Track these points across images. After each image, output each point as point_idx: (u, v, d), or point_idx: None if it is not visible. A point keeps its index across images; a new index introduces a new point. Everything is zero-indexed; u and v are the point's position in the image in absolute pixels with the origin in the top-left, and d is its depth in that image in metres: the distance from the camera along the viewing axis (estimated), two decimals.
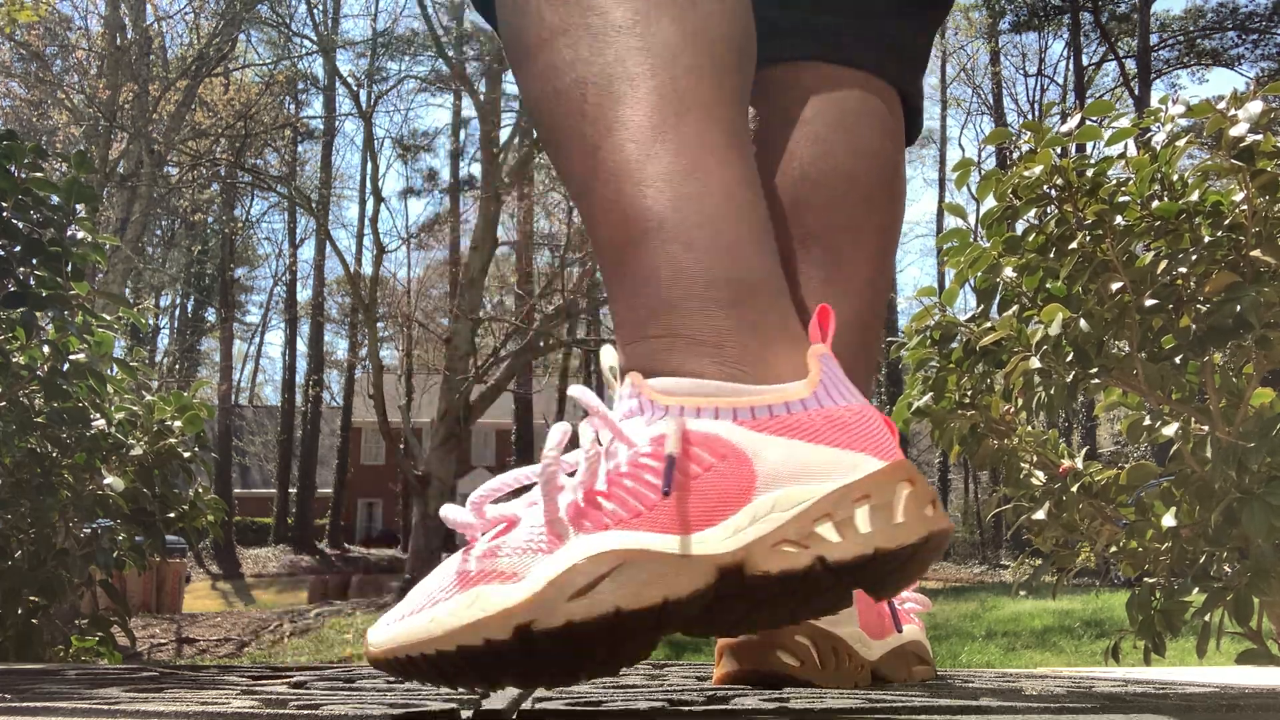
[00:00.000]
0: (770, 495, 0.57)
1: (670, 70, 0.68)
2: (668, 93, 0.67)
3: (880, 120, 0.93)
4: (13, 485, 2.08)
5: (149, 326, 27.09)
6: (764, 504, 0.57)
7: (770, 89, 0.92)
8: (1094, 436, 21.99)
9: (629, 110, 0.67)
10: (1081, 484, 1.99)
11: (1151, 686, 0.82)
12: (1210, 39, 23.67)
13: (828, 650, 0.82)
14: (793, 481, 0.57)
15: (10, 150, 1.94)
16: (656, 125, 0.67)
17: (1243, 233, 1.62)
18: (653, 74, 0.68)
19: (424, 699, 0.67)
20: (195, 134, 15.10)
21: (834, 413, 0.60)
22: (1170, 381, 1.79)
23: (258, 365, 38.34)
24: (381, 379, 15.48)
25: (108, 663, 2.26)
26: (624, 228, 0.66)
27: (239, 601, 18.52)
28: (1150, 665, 1.91)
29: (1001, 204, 1.85)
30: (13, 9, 6.23)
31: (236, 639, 10.95)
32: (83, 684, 0.78)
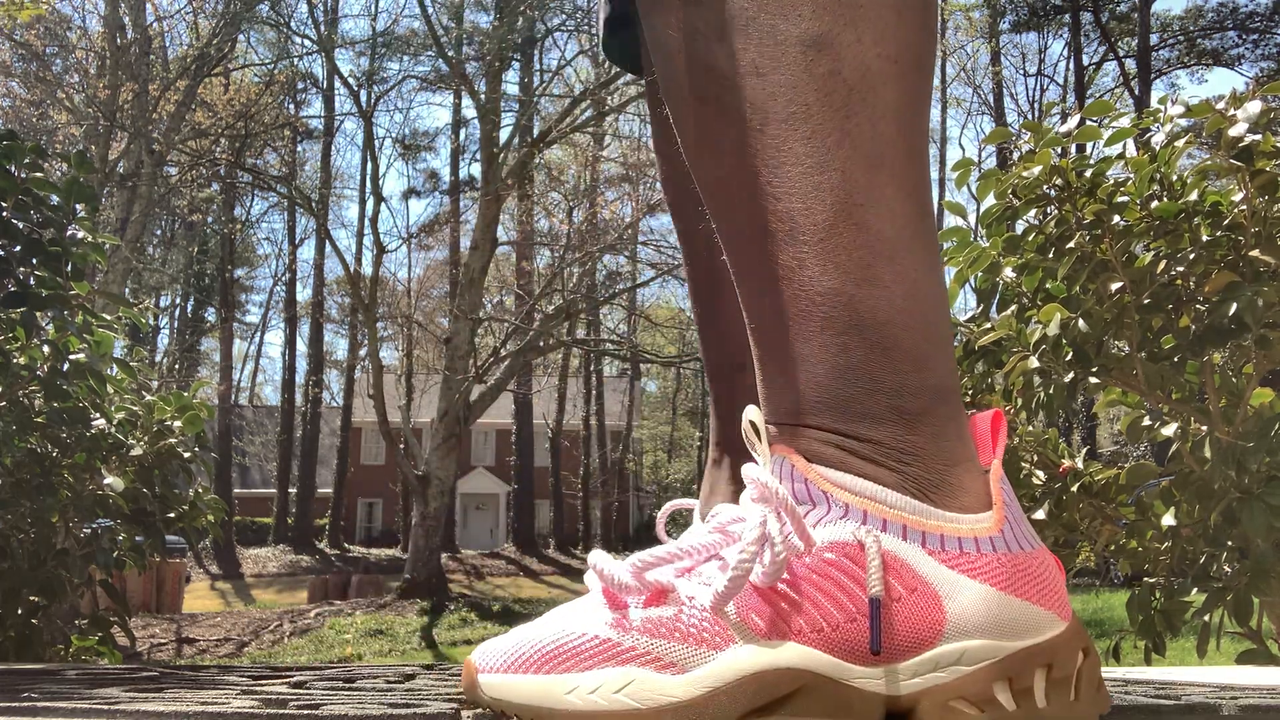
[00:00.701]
0: (959, 645, 0.52)
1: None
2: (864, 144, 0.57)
3: None
4: (13, 485, 2.08)
5: (149, 326, 27.09)
6: (951, 653, 0.52)
7: None
8: (1094, 436, 21.98)
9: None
10: (1081, 484, 1.99)
11: (1151, 686, 0.82)
12: (1210, 39, 23.67)
13: None
14: (982, 635, 0.52)
15: (10, 150, 1.94)
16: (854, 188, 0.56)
17: (1242, 233, 1.62)
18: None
19: (424, 699, 0.67)
20: (195, 134, 15.10)
21: (1022, 560, 0.54)
22: (1170, 381, 1.79)
23: (258, 365, 38.39)
24: (381, 379, 15.48)
25: (108, 663, 2.26)
26: (796, 303, 0.57)
27: (239, 601, 18.52)
28: (1150, 665, 1.91)
29: (1001, 204, 1.85)
30: (13, 8, 6.21)
31: (236, 639, 10.95)
32: (83, 684, 0.78)
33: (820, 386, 0.57)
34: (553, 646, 0.51)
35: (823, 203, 0.55)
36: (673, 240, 19.80)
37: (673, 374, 30.07)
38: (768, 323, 0.59)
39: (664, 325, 25.08)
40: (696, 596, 0.53)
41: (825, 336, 0.57)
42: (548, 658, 0.51)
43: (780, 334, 0.58)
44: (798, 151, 0.56)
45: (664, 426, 35.08)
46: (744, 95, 0.56)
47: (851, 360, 0.56)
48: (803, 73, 0.55)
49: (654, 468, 35.17)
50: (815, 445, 0.57)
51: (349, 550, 27.26)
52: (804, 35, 0.55)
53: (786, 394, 0.59)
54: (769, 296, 0.58)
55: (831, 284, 0.56)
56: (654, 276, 18.99)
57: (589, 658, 0.51)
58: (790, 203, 0.56)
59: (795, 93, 0.55)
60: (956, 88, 28.06)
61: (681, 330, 25.49)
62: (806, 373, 0.58)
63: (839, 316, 0.56)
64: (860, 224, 0.56)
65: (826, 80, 0.55)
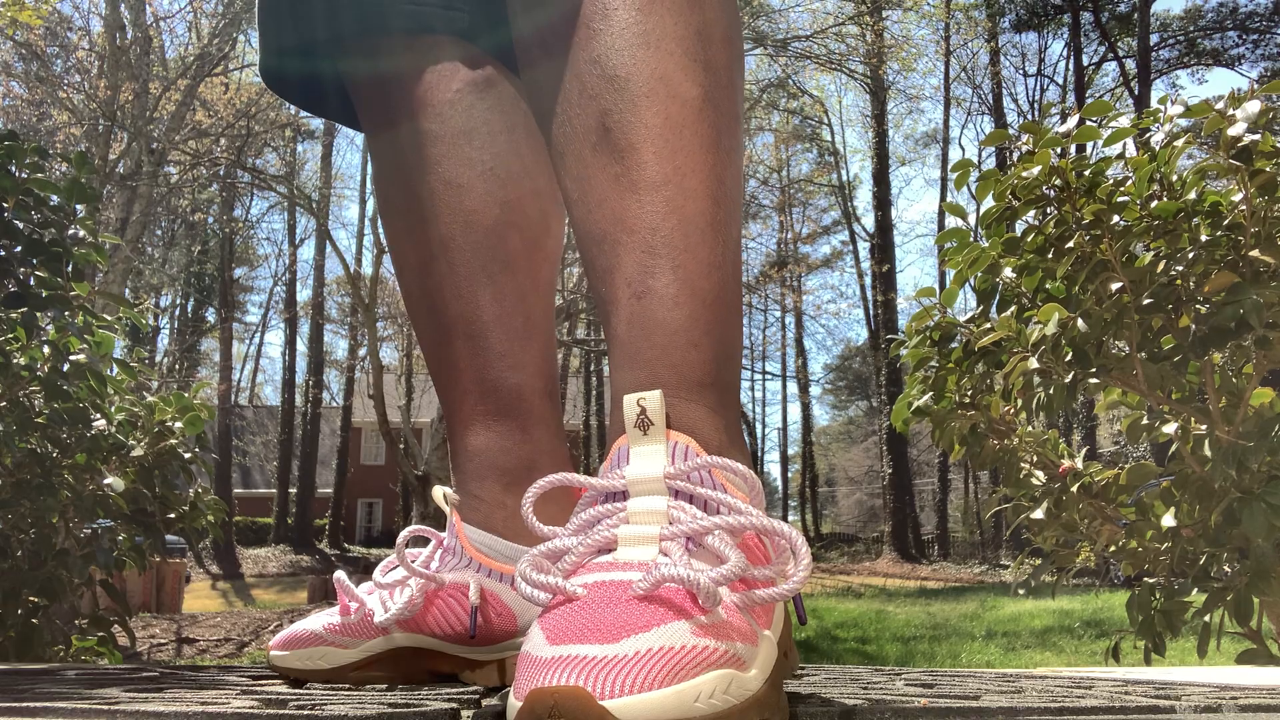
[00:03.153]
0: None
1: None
2: None
3: None
4: (13, 485, 2.08)
5: (149, 326, 27.08)
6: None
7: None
8: (1094, 436, 21.99)
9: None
10: (1081, 484, 1.99)
11: (1151, 686, 0.82)
12: (1210, 39, 23.66)
13: None
14: None
15: (11, 150, 1.94)
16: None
17: (1241, 232, 1.62)
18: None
19: (424, 699, 0.67)
20: (195, 134, 15.10)
21: None
22: (1170, 381, 1.79)
23: (258, 365, 38.36)
24: (381, 379, 15.48)
25: (108, 663, 2.26)
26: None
27: (239, 601, 18.52)
28: (1150, 665, 1.91)
29: (1000, 204, 1.85)
30: (13, 10, 6.21)
31: (236, 639, 10.95)
32: (83, 684, 0.78)
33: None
34: (662, 660, 0.50)
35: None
36: None
37: None
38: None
39: None
40: (715, 590, 0.56)
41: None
42: (666, 670, 0.50)
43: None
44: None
45: None
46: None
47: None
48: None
49: None
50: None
51: (349, 550, 27.25)
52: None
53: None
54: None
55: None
56: None
57: (697, 665, 0.51)
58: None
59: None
60: (956, 88, 28.07)
61: None
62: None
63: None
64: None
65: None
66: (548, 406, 0.93)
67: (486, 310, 0.91)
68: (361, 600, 0.91)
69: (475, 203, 0.90)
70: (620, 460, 0.63)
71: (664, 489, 0.60)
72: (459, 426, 0.92)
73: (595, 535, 0.58)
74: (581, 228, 0.73)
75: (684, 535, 0.57)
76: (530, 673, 0.49)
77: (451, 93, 0.91)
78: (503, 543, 0.87)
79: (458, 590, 0.86)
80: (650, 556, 0.57)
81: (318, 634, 0.92)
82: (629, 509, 0.60)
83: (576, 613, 0.52)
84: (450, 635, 0.86)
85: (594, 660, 0.48)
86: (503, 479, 0.89)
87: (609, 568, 0.56)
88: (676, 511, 0.58)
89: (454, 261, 0.91)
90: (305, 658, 0.92)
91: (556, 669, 0.48)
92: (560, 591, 0.54)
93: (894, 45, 17.69)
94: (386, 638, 0.89)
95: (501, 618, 0.85)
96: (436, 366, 0.94)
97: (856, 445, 43.68)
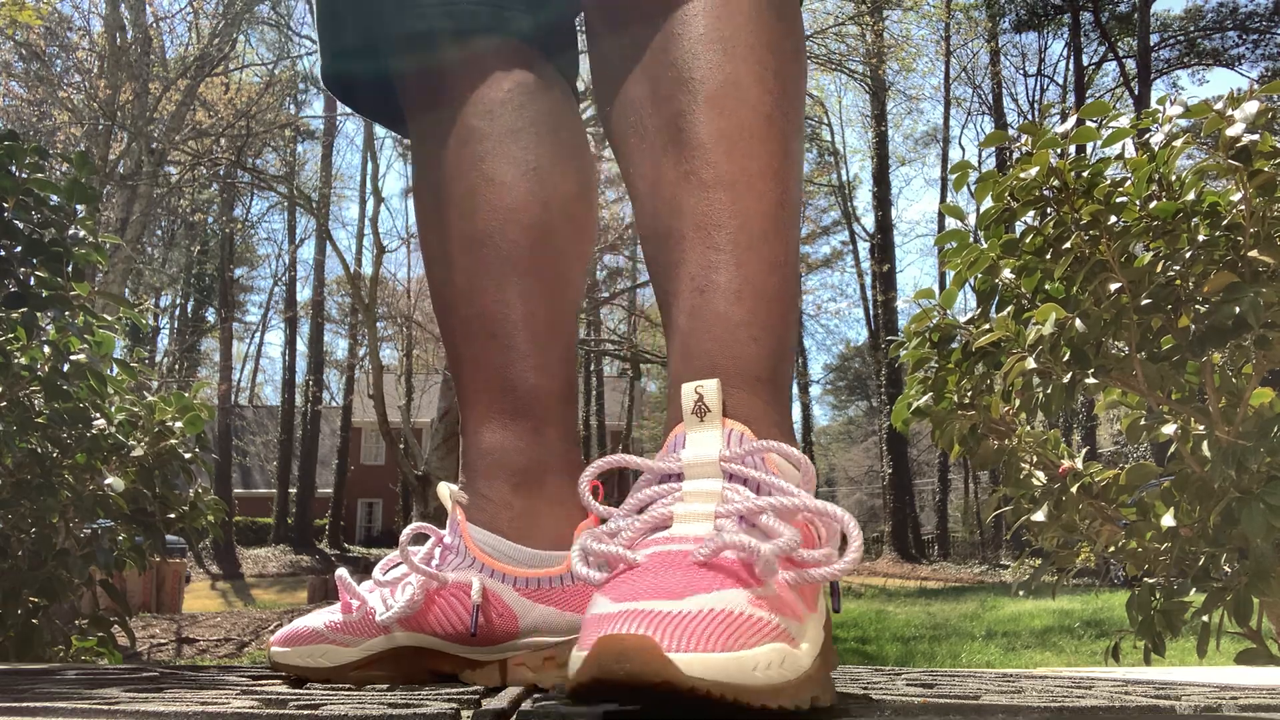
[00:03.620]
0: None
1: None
2: None
3: None
4: (13, 485, 2.08)
5: (149, 326, 27.08)
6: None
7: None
8: (1094, 436, 21.99)
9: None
10: (1081, 484, 1.99)
11: (1151, 686, 0.82)
12: (1210, 39, 23.66)
13: None
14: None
15: (11, 150, 1.94)
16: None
17: (1240, 233, 1.62)
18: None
19: (424, 699, 0.67)
20: (196, 134, 15.09)
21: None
22: (1169, 381, 1.79)
23: (258, 365, 38.34)
24: (381, 379, 15.47)
25: (108, 663, 2.26)
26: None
27: (239, 601, 18.52)
28: (1150, 665, 1.91)
29: (999, 205, 1.85)
30: (13, 10, 6.22)
31: (236, 639, 10.95)
32: (83, 684, 0.79)
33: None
34: (723, 623, 0.51)
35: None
36: None
37: None
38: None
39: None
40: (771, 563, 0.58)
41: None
42: (726, 634, 0.51)
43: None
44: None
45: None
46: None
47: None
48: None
49: None
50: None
51: (349, 550, 27.24)
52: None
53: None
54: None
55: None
56: None
57: (754, 635, 0.52)
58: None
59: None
60: (957, 88, 28.07)
61: None
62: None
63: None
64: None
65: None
66: (564, 409, 0.92)
67: (515, 309, 0.90)
68: (363, 598, 0.91)
69: (516, 201, 0.90)
70: (676, 445, 0.65)
71: (718, 472, 0.63)
72: (473, 423, 0.92)
73: (652, 513, 0.61)
74: (648, 224, 0.76)
75: (738, 514, 0.59)
76: (597, 625, 0.51)
77: (503, 92, 0.91)
78: (507, 543, 0.86)
79: (460, 589, 0.86)
80: (697, 533, 0.59)
81: (319, 631, 0.92)
82: (684, 489, 0.62)
83: (639, 576, 0.55)
84: (451, 634, 0.86)
85: (659, 615, 0.49)
86: (512, 479, 0.89)
87: (666, 541, 0.59)
88: (730, 492, 0.61)
89: (488, 258, 0.91)
90: (306, 655, 0.92)
91: (623, 620, 0.49)
92: (621, 559, 0.57)
93: (894, 45, 17.69)
94: (388, 636, 0.89)
95: (503, 618, 0.85)
96: (457, 361, 0.94)
97: (856, 445, 43.68)
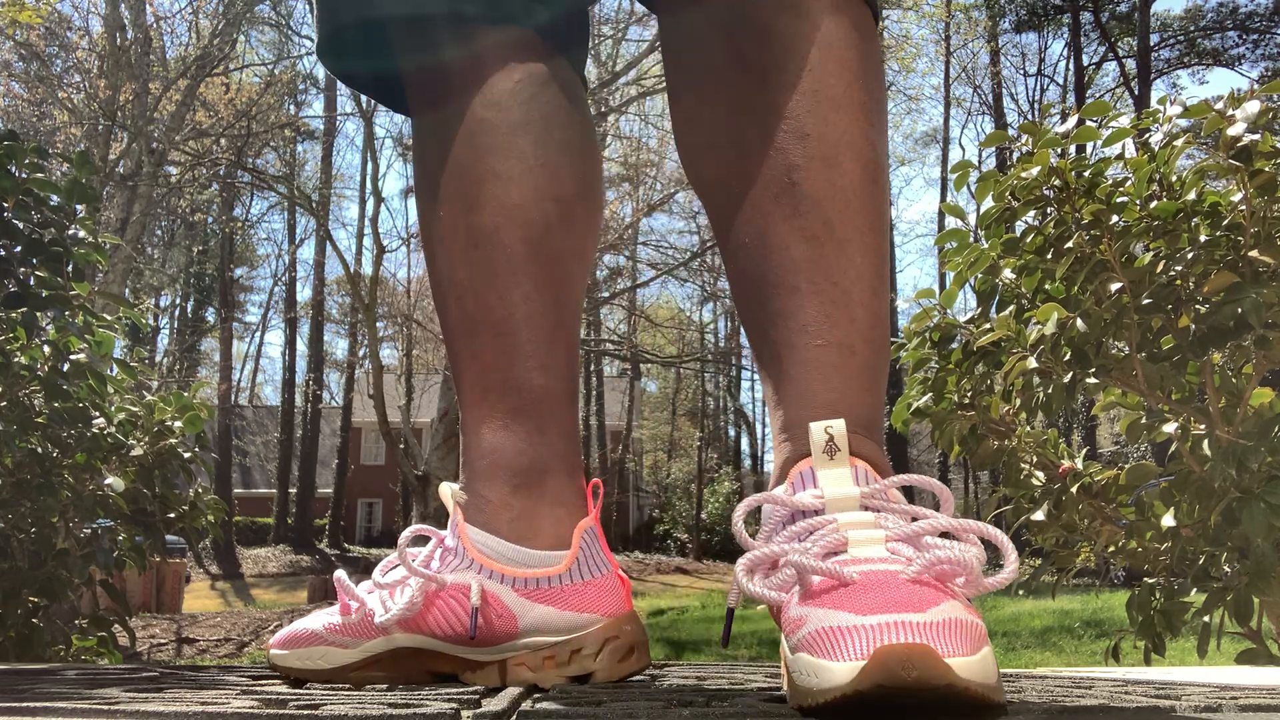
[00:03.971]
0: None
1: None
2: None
3: None
4: (13, 485, 2.08)
5: (149, 326, 27.07)
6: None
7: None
8: (1094, 436, 21.98)
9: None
10: (1081, 484, 1.99)
11: (1151, 686, 0.82)
12: (1210, 39, 23.65)
13: None
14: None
15: (11, 150, 1.94)
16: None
17: (1241, 233, 1.62)
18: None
19: (424, 699, 0.67)
20: (196, 134, 15.09)
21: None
22: (1170, 381, 1.79)
23: (258, 365, 38.31)
24: (381, 379, 15.47)
25: (108, 663, 2.26)
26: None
27: (239, 601, 18.51)
28: (1150, 665, 1.91)
29: (999, 205, 1.85)
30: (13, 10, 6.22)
31: (236, 639, 10.94)
32: (83, 684, 0.78)
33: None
34: (964, 630, 0.56)
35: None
36: (673, 240, 19.81)
37: (673, 374, 30.06)
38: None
39: (664, 325, 25.05)
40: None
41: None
42: (970, 639, 0.55)
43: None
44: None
45: (664, 427, 35.05)
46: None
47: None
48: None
49: (654, 468, 35.15)
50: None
51: (349, 550, 27.23)
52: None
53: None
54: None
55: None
56: (654, 276, 18.97)
57: (980, 639, 0.57)
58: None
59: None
60: (957, 88, 28.04)
61: (681, 330, 25.47)
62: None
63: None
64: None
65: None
66: (566, 409, 0.91)
67: (519, 308, 0.89)
68: (362, 600, 0.91)
69: (522, 197, 0.88)
70: (805, 482, 0.70)
71: (858, 506, 0.67)
72: (474, 422, 0.91)
73: (822, 540, 0.64)
74: (753, 271, 0.78)
75: (904, 537, 0.64)
76: (857, 635, 0.54)
77: (513, 83, 0.89)
78: (506, 545, 0.86)
79: (458, 591, 0.86)
80: (881, 554, 0.63)
81: (318, 633, 0.92)
82: (840, 520, 0.66)
83: (865, 592, 0.58)
84: (450, 636, 0.87)
85: (919, 624, 0.53)
86: (512, 480, 0.88)
87: (865, 562, 0.62)
88: (885, 520, 0.65)
89: (493, 255, 0.89)
90: (305, 657, 0.92)
91: (890, 630, 0.53)
92: (838, 577, 0.60)
93: (894, 45, 17.68)
94: (387, 638, 0.89)
95: (502, 619, 0.85)
96: (458, 359, 0.92)
97: None
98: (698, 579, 22.09)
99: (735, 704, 0.64)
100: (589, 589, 0.86)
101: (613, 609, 0.86)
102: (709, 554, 28.14)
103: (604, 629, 0.85)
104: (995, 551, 0.67)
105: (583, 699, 0.68)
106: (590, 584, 0.86)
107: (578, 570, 0.86)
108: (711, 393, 34.61)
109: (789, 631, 0.62)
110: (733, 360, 24.98)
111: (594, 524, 0.89)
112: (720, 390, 34.72)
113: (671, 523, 30.49)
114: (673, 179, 17.19)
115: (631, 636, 0.86)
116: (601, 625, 0.85)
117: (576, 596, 0.86)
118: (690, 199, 20.27)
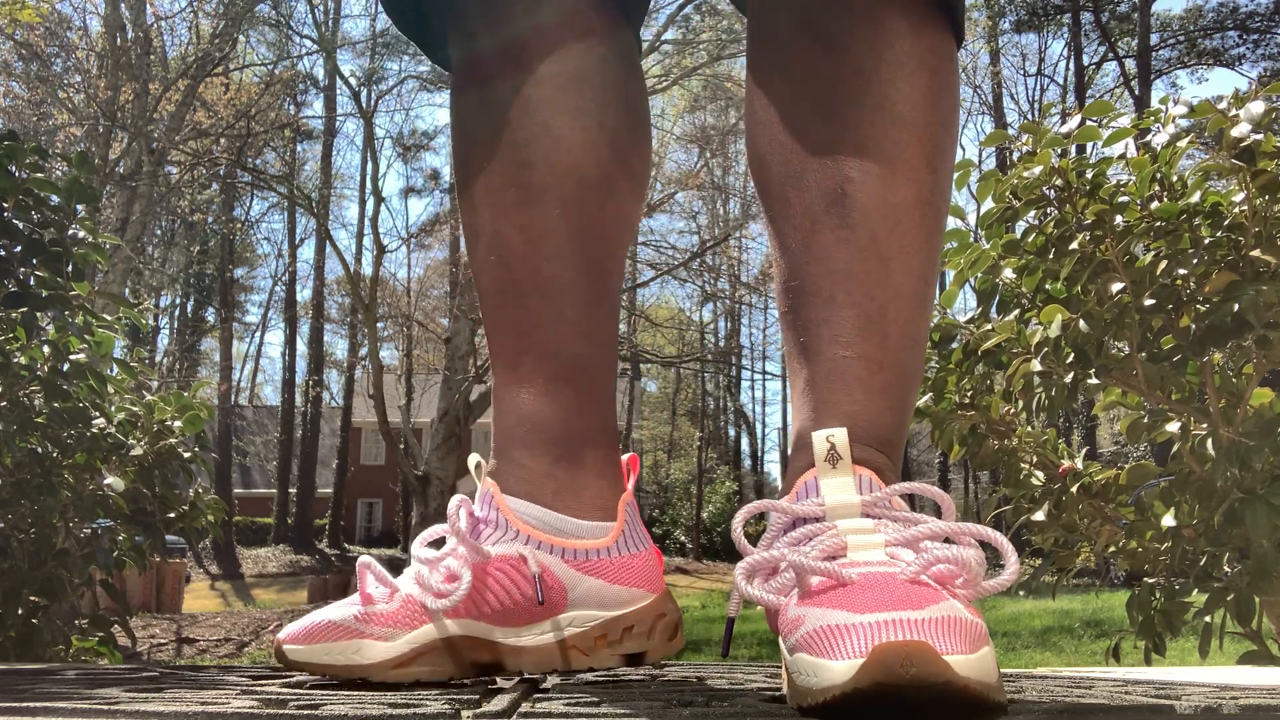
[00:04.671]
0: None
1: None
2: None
3: None
4: (13, 485, 2.08)
5: (149, 326, 27.07)
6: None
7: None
8: (1094, 436, 21.98)
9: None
10: (1081, 484, 1.98)
11: (1151, 686, 0.82)
12: (1210, 39, 23.65)
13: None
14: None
15: (11, 150, 1.94)
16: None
17: (1242, 233, 1.62)
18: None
19: (424, 699, 0.67)
20: (196, 134, 15.09)
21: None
22: (1170, 381, 1.79)
23: (258, 365, 38.27)
24: (381, 379, 15.47)
25: (108, 663, 2.26)
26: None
27: (239, 601, 18.52)
28: (1150, 665, 1.91)
29: (1000, 205, 1.85)
30: (13, 9, 6.22)
31: (236, 639, 10.94)
32: (83, 684, 0.78)
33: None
34: (962, 628, 0.56)
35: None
36: (673, 240, 19.82)
37: (673, 374, 30.06)
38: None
39: (664, 325, 25.05)
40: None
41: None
42: (969, 638, 0.55)
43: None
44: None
45: (664, 427, 35.06)
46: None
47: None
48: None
49: (654, 468, 35.17)
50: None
51: (349, 550, 27.23)
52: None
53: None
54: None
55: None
56: (654, 277, 18.96)
57: (980, 638, 0.57)
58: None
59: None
60: None
61: (681, 330, 25.47)
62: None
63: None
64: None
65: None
66: (606, 379, 0.88)
67: (566, 270, 0.85)
68: (396, 586, 0.83)
69: (575, 156, 0.84)
70: (809, 491, 0.70)
71: (858, 513, 0.68)
72: (511, 387, 0.87)
73: (822, 543, 0.65)
74: (795, 275, 0.77)
75: (903, 542, 0.64)
76: (855, 633, 0.54)
77: (571, 35, 0.85)
78: (552, 514, 0.83)
79: (506, 564, 0.81)
80: (880, 558, 0.63)
81: (345, 625, 0.81)
82: (840, 526, 0.67)
83: (863, 591, 0.58)
84: (502, 611, 0.81)
85: (917, 622, 0.53)
86: (553, 450, 0.84)
87: (864, 564, 0.63)
88: (885, 526, 0.66)
89: (544, 215, 0.84)
90: (333, 652, 0.81)
91: (888, 628, 0.53)
92: (837, 577, 0.61)
93: None
94: (437, 624, 0.81)
95: (553, 590, 0.82)
96: (497, 323, 0.88)
97: None
98: (698, 579, 22.11)
99: (735, 704, 0.64)
100: (635, 562, 0.84)
101: (657, 584, 0.85)
102: (709, 554, 28.15)
103: (653, 605, 0.84)
104: (996, 554, 0.68)
105: (583, 699, 0.68)
106: (635, 558, 0.84)
107: (624, 543, 0.84)
108: (711, 393, 34.62)
109: (787, 632, 0.62)
110: (733, 360, 25.00)
111: (631, 498, 0.87)
112: (720, 390, 34.73)
113: (671, 523, 30.49)
114: (673, 179, 17.17)
115: (675, 614, 0.85)
116: (650, 601, 0.84)
117: (625, 570, 0.84)
118: (690, 199, 20.28)
